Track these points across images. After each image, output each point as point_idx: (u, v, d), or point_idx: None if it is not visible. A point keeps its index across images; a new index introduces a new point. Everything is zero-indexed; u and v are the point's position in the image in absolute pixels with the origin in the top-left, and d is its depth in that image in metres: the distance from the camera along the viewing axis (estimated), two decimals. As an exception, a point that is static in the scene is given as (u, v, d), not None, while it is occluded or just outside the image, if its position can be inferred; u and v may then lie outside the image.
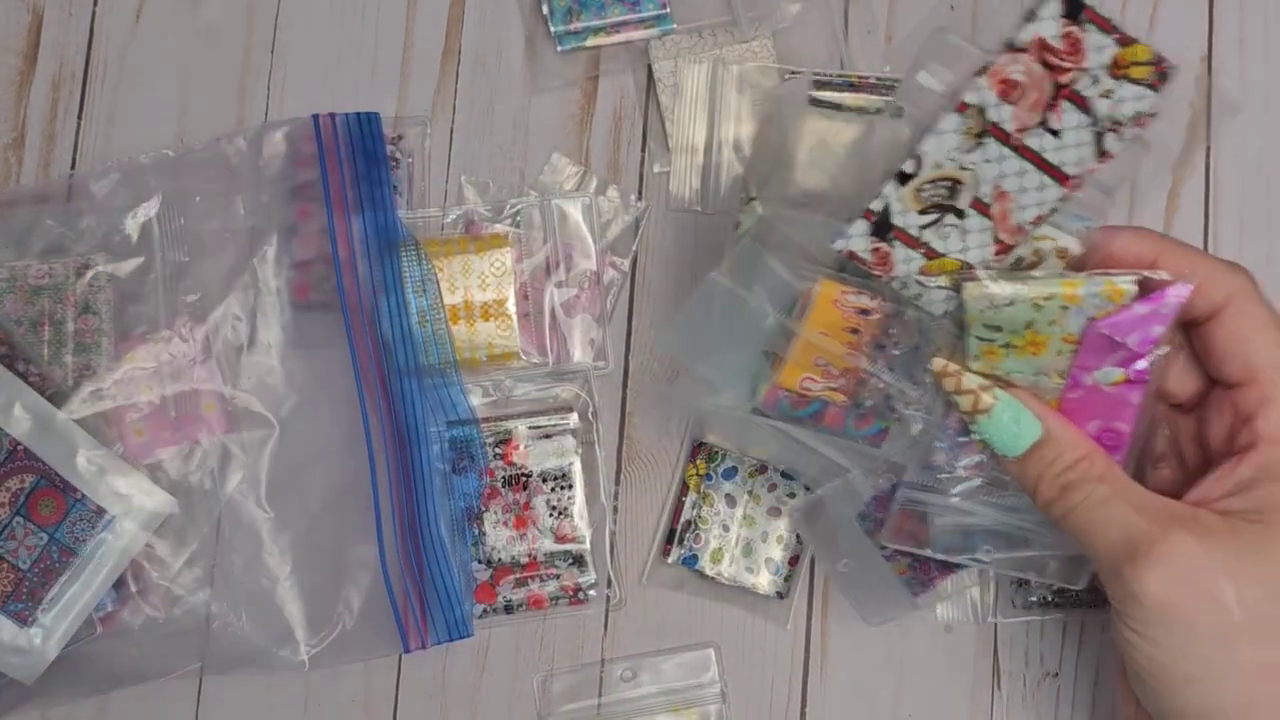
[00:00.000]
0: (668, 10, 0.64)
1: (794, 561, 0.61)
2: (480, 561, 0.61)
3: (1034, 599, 0.60)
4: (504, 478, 0.61)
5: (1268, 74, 0.65)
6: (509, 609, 0.61)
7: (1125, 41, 0.45)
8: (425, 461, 0.60)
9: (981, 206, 0.47)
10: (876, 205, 0.48)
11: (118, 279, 0.61)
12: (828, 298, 0.50)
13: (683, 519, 0.61)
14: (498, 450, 0.61)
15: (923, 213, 0.48)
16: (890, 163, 0.48)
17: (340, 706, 0.62)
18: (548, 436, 0.62)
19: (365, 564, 0.60)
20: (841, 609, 0.61)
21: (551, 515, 0.61)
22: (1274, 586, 0.43)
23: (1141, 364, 0.46)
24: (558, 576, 0.61)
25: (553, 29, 0.64)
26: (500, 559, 0.61)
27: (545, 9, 0.64)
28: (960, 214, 0.48)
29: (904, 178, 0.47)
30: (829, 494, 0.55)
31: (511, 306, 0.61)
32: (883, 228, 0.48)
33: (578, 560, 0.61)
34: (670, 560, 0.61)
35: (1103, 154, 0.46)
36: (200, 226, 0.62)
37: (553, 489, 0.61)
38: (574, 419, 0.62)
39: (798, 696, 0.61)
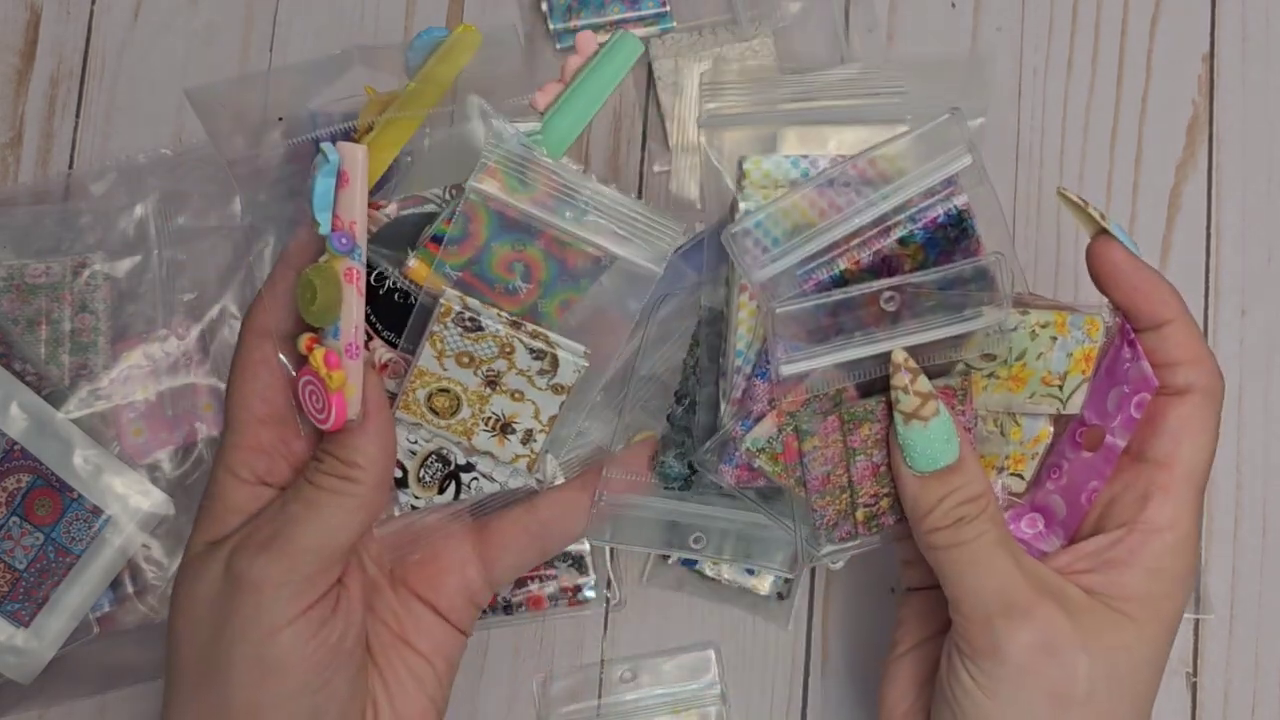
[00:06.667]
0: (667, 8, 0.64)
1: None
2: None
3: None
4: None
5: (1270, 72, 0.65)
6: (508, 610, 0.61)
7: None
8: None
9: None
10: None
11: (115, 278, 0.61)
12: None
13: (683, 519, 0.61)
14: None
15: None
16: None
17: (338, 707, 0.61)
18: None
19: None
20: (842, 609, 0.61)
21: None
22: (1114, 673, 0.44)
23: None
24: (557, 577, 0.61)
25: (551, 26, 0.64)
26: (499, 559, 0.61)
27: (544, 6, 0.64)
28: None
29: None
30: None
31: None
32: None
33: (577, 561, 0.61)
34: (670, 561, 0.61)
35: None
36: (197, 225, 0.62)
37: (552, 489, 0.61)
38: (573, 419, 0.62)
39: (798, 697, 0.61)
